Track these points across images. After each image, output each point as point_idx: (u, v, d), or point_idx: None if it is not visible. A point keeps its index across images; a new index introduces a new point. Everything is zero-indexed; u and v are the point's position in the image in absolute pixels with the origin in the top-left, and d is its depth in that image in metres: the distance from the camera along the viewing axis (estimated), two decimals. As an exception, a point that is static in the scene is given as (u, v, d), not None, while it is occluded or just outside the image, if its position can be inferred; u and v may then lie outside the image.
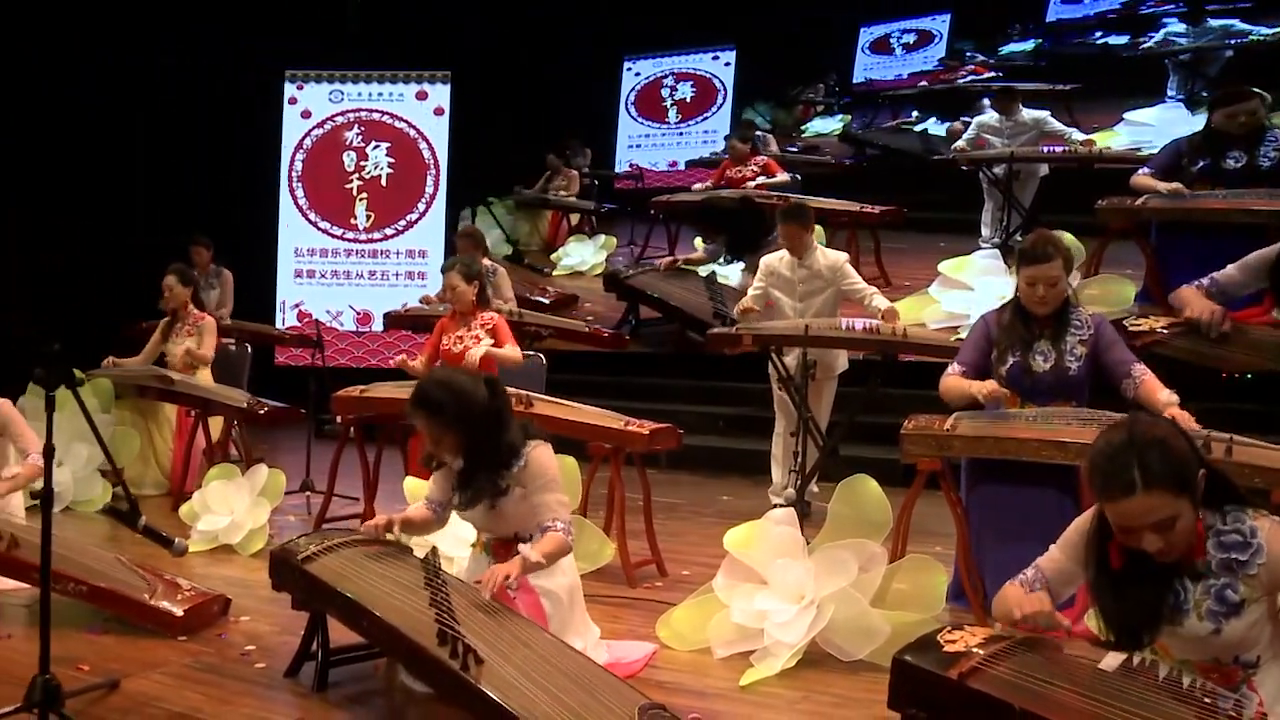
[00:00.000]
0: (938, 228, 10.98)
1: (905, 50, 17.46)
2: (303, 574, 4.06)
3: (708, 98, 16.48)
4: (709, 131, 16.34)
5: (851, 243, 9.86)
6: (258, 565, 6.05)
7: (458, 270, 6.76)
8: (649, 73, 16.98)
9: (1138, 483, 2.68)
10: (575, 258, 13.11)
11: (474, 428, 4.08)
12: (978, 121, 10.44)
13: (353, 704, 4.00)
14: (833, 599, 4.35)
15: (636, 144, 16.77)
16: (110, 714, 3.72)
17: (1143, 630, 2.86)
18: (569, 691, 3.22)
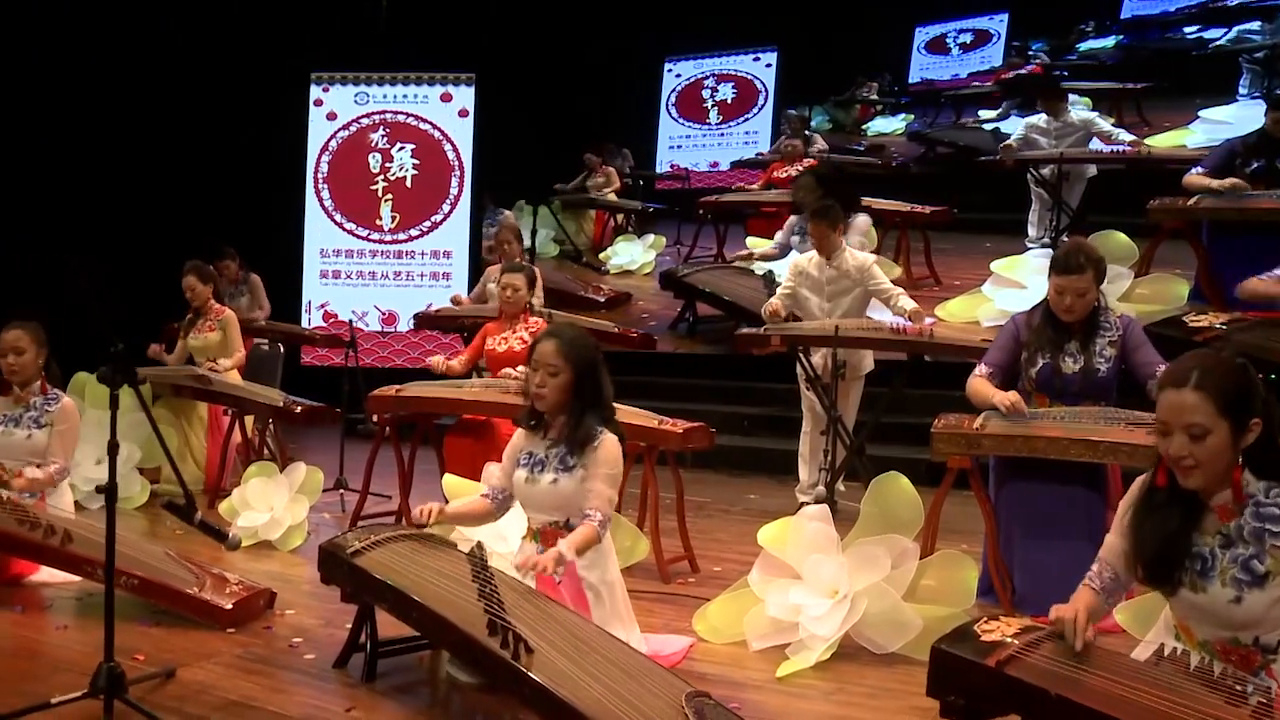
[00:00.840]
0: (983, 229, 11.07)
1: (962, 50, 17.47)
2: (352, 568, 4.18)
3: (749, 99, 16.56)
4: (750, 132, 16.44)
5: (902, 242, 9.98)
6: (297, 561, 6.21)
7: (526, 274, 6.93)
8: (690, 74, 17.10)
9: (1191, 379, 2.88)
10: (624, 257, 13.24)
11: (586, 373, 4.31)
12: (1025, 123, 10.44)
13: (400, 694, 4.11)
14: (866, 593, 4.45)
15: (677, 145, 16.89)
16: (169, 701, 3.83)
17: (1169, 564, 2.98)
18: (617, 679, 3.33)
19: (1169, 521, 2.99)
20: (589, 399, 4.34)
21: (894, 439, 7.78)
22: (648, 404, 6.55)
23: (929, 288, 9.99)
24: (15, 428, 5.82)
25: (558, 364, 4.30)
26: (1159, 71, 13.40)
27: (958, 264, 10.30)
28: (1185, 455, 2.89)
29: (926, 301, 9.12)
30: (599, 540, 4.18)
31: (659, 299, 11.51)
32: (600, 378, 4.39)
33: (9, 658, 4.51)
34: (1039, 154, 9.95)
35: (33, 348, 5.85)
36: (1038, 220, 10.34)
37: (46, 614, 5.08)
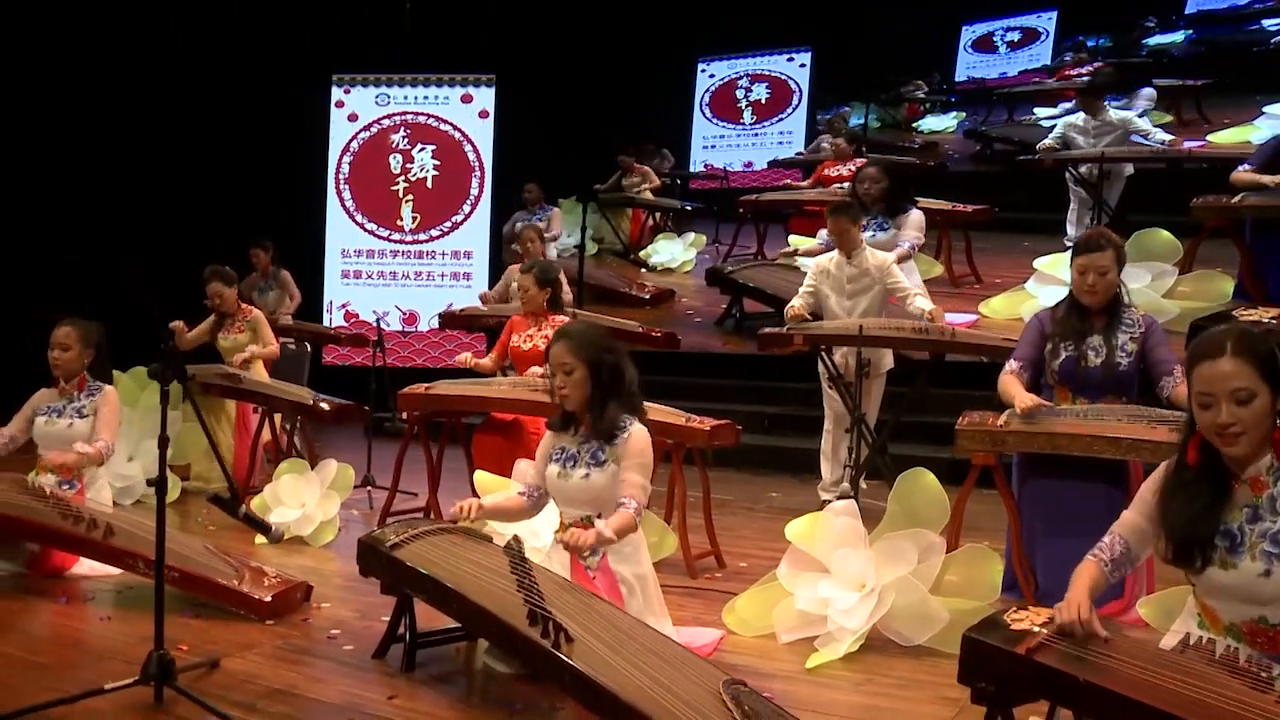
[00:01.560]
0: (1019, 228, 11.14)
1: (1010, 48, 17.44)
2: (391, 560, 4.28)
3: (783, 99, 16.62)
4: (785, 133, 16.49)
5: (943, 241, 10.05)
6: (329, 556, 6.32)
7: (534, 274, 6.97)
8: (723, 74, 17.18)
9: (1228, 347, 2.97)
10: (664, 255, 13.34)
11: (603, 368, 4.40)
12: (1063, 122, 10.47)
13: (439, 683, 4.22)
14: (893, 587, 4.55)
15: (711, 145, 16.96)
16: (214, 690, 3.94)
17: (1198, 541, 3.05)
18: (656, 667, 3.43)
19: (1198, 499, 3.06)
20: (609, 388, 4.43)
21: (915, 438, 7.85)
22: (670, 403, 6.63)
23: (970, 285, 10.09)
24: (58, 418, 5.98)
25: (570, 361, 4.41)
26: (1229, 67, 13.32)
27: (997, 262, 10.38)
28: (1233, 422, 2.96)
29: (968, 299, 9.25)
30: (636, 528, 4.28)
31: (702, 295, 11.65)
32: (618, 366, 4.48)
33: (57, 646, 4.65)
34: (1080, 153, 9.99)
35: (78, 345, 6.02)
36: (1076, 219, 10.37)
37: (88, 605, 5.20)
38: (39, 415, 6.05)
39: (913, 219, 8.25)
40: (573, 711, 3.82)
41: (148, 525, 5.36)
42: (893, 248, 8.02)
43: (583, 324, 4.77)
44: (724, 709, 3.23)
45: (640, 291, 11.63)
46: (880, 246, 7.87)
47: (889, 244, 8.07)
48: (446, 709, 3.93)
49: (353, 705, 3.91)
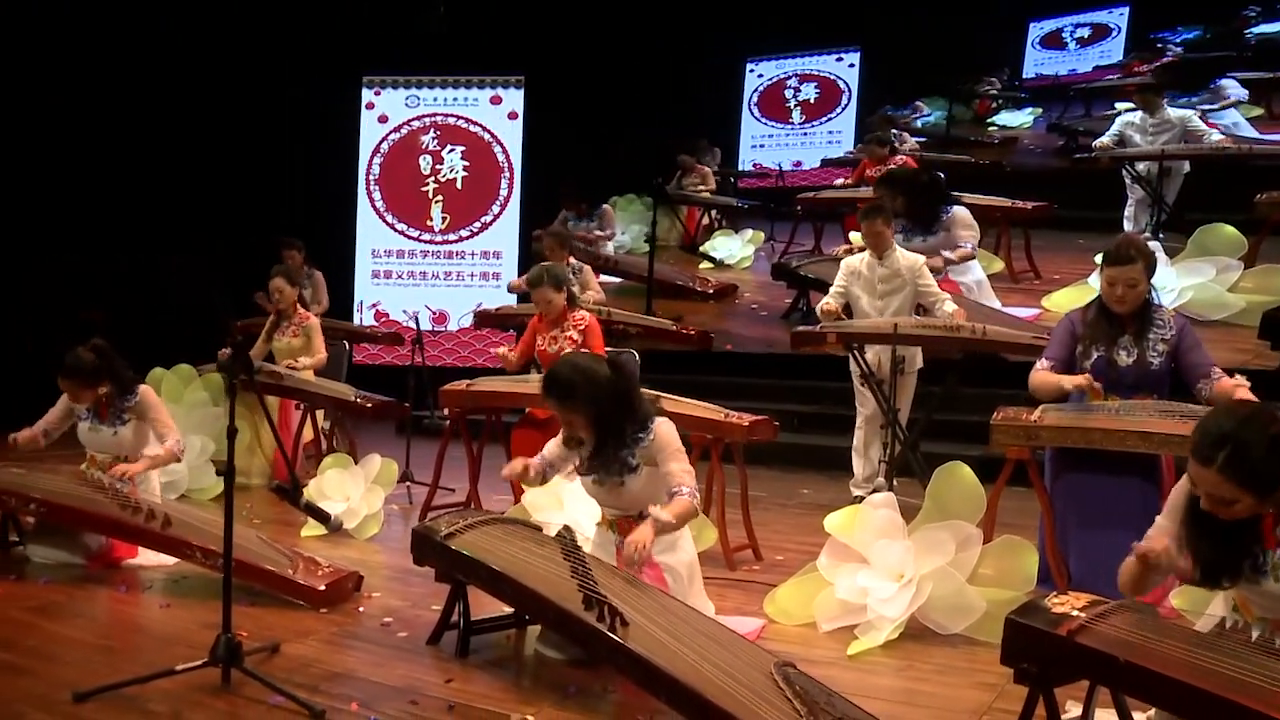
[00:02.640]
0: (1074, 225, 11.19)
1: (1080, 44, 17.33)
2: (445, 549, 4.42)
3: (832, 99, 16.68)
4: (834, 132, 16.56)
5: (1003, 237, 10.16)
6: (374, 549, 6.47)
7: (548, 284, 7.05)
8: (771, 74, 17.25)
9: (1216, 461, 3.08)
10: (723, 251, 13.43)
11: (602, 405, 4.49)
12: (1120, 120, 10.48)
13: (493, 667, 4.35)
14: (931, 577, 4.67)
15: (760, 144, 17.05)
16: (277, 672, 4.08)
17: (1221, 571, 3.21)
18: (710, 649, 3.57)
19: (1224, 539, 3.20)
20: (616, 421, 4.54)
21: (945, 436, 7.95)
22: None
23: (1029, 281, 10.16)
24: (100, 424, 6.12)
25: (568, 415, 4.54)
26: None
27: (1055, 259, 10.44)
28: (1219, 512, 3.15)
29: (1028, 294, 9.36)
30: (696, 512, 4.42)
31: (764, 290, 11.82)
32: (619, 396, 4.54)
33: (123, 632, 4.83)
34: (1139, 151, 10.04)
35: (85, 392, 6.06)
36: (1133, 216, 10.43)
37: (148, 594, 5.37)
38: (81, 420, 6.18)
39: (959, 218, 8.36)
40: (624, 695, 3.97)
41: (201, 516, 5.60)
42: (951, 247, 8.16)
43: (566, 369, 4.57)
44: (777, 689, 3.37)
45: (704, 287, 11.75)
46: (931, 250, 8.01)
47: (944, 245, 8.24)
48: (501, 692, 4.07)
49: (412, 688, 4.05)
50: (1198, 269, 8.44)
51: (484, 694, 4.01)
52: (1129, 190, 10.45)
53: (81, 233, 11.73)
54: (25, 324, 10.94)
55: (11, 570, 5.65)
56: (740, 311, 11.56)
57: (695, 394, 6.51)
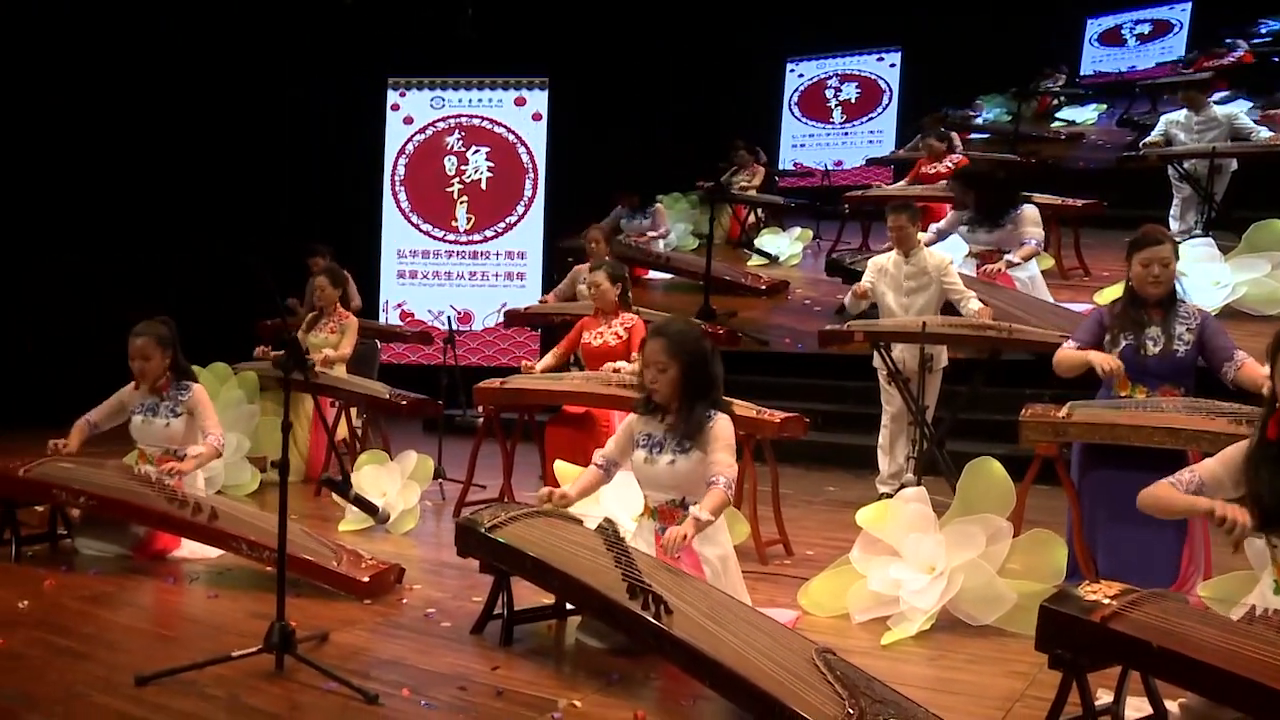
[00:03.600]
0: (1123, 224, 11.14)
1: (1140, 41, 17.23)
2: (490, 541, 4.54)
3: (873, 98, 16.76)
4: (875, 131, 16.64)
5: (1053, 235, 10.18)
6: (410, 543, 6.60)
7: (605, 270, 7.24)
8: (812, 74, 17.34)
9: None
10: (771, 249, 13.53)
11: (695, 367, 4.67)
12: (1165, 118, 10.56)
13: (536, 656, 4.47)
14: (962, 569, 4.78)
15: (800, 144, 17.14)
16: (328, 659, 4.19)
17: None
18: (752, 636, 3.68)
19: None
20: (699, 389, 4.70)
21: (970, 435, 8.04)
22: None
23: (1079, 278, 10.26)
24: (154, 416, 6.26)
25: (665, 360, 4.67)
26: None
27: (1103, 256, 10.50)
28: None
29: (1079, 291, 9.46)
30: (729, 502, 4.54)
31: (815, 287, 12.00)
32: (709, 367, 4.74)
33: (174, 621, 4.98)
34: (1191, 149, 10.08)
35: (157, 353, 6.25)
36: (1180, 215, 10.50)
37: (193, 585, 5.49)
38: (134, 414, 6.32)
39: (1027, 215, 8.45)
40: (666, 682, 4.09)
41: (245, 510, 5.75)
42: (1014, 243, 8.28)
43: (680, 323, 4.93)
44: (818, 673, 3.48)
45: (756, 283, 11.87)
46: (999, 243, 8.12)
47: (1008, 240, 8.35)
48: (547, 678, 4.19)
49: (460, 675, 4.17)
50: (1252, 265, 8.57)
51: (530, 680, 4.13)
52: (1175, 189, 10.51)
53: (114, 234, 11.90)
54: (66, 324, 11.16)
55: (61, 561, 5.81)
56: (793, 307, 11.73)
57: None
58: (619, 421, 6.85)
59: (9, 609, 4.86)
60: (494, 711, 3.77)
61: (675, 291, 12.47)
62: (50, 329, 11.50)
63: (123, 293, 11.41)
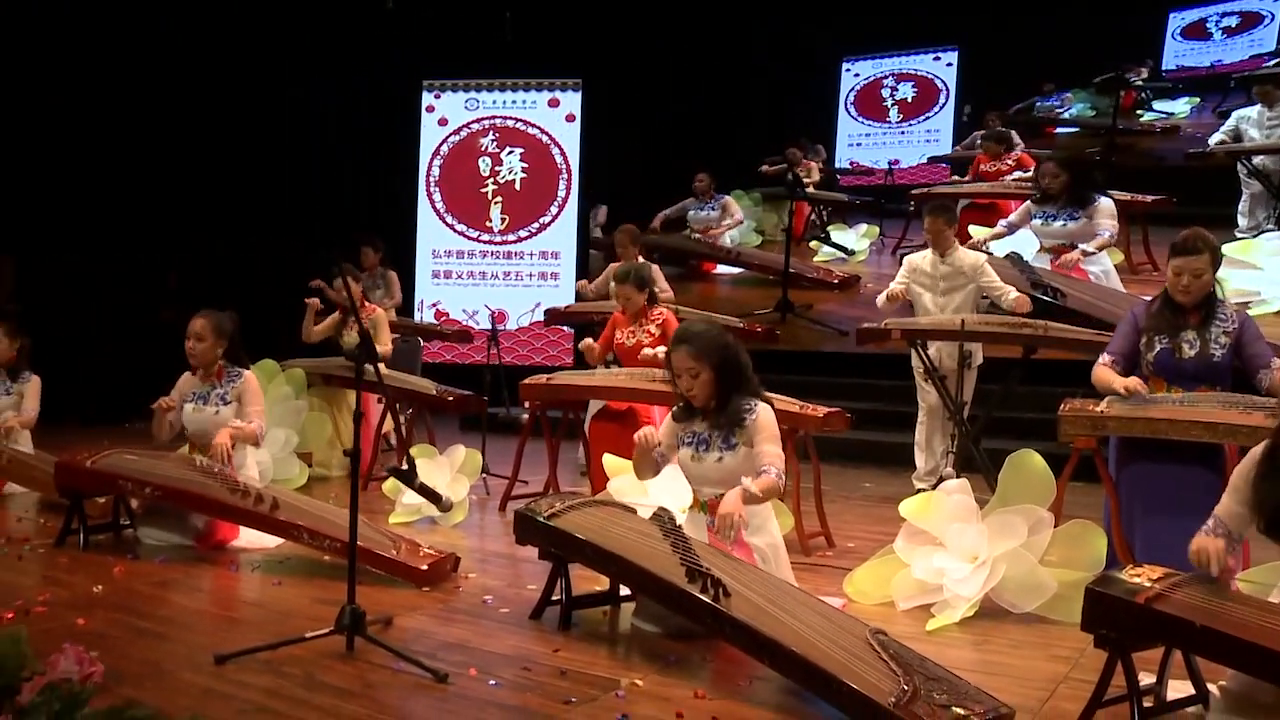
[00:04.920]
0: (1188, 221, 11.22)
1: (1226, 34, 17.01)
2: (549, 529, 4.71)
3: (929, 98, 16.82)
4: (931, 131, 16.69)
5: (1121, 230, 10.21)
6: (460, 535, 6.77)
7: (632, 282, 7.37)
8: (868, 74, 17.42)
9: None
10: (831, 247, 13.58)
11: (726, 366, 4.79)
12: (1236, 114, 10.61)
13: (595, 640, 4.64)
14: (1004, 558, 4.92)
15: (856, 143, 17.23)
16: (394, 641, 4.36)
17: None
18: (808, 617, 3.84)
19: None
20: (733, 385, 4.84)
21: (1006, 433, 8.14)
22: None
23: (1148, 273, 10.31)
24: (204, 404, 6.46)
25: (695, 365, 4.81)
26: None
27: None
28: None
29: (1147, 286, 9.50)
30: (780, 490, 4.69)
31: (885, 281, 11.70)
32: (738, 360, 4.86)
33: (242, 605, 5.17)
34: (1263, 145, 10.12)
35: (211, 336, 6.46)
36: (1248, 211, 10.56)
37: (255, 572, 5.69)
38: (187, 403, 6.52)
39: (1104, 207, 8.50)
40: (721, 664, 4.25)
41: (304, 499, 5.92)
42: (1088, 236, 8.36)
43: (701, 326, 5.03)
44: (873, 652, 3.64)
45: (829, 277, 12.04)
46: (1073, 236, 8.22)
47: (1082, 233, 8.42)
48: (607, 660, 4.36)
49: (523, 656, 4.34)
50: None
51: (591, 661, 4.29)
52: (1244, 185, 10.56)
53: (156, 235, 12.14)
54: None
55: (126, 550, 6.01)
56: (865, 300, 11.69)
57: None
58: (660, 416, 7.06)
59: (86, 593, 5.06)
60: (559, 690, 3.93)
61: (745, 285, 12.71)
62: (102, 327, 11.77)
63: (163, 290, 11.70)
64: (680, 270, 13.43)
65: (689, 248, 12.85)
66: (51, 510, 7.00)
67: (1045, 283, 8.20)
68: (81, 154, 11.80)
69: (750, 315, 10.92)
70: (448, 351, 12.75)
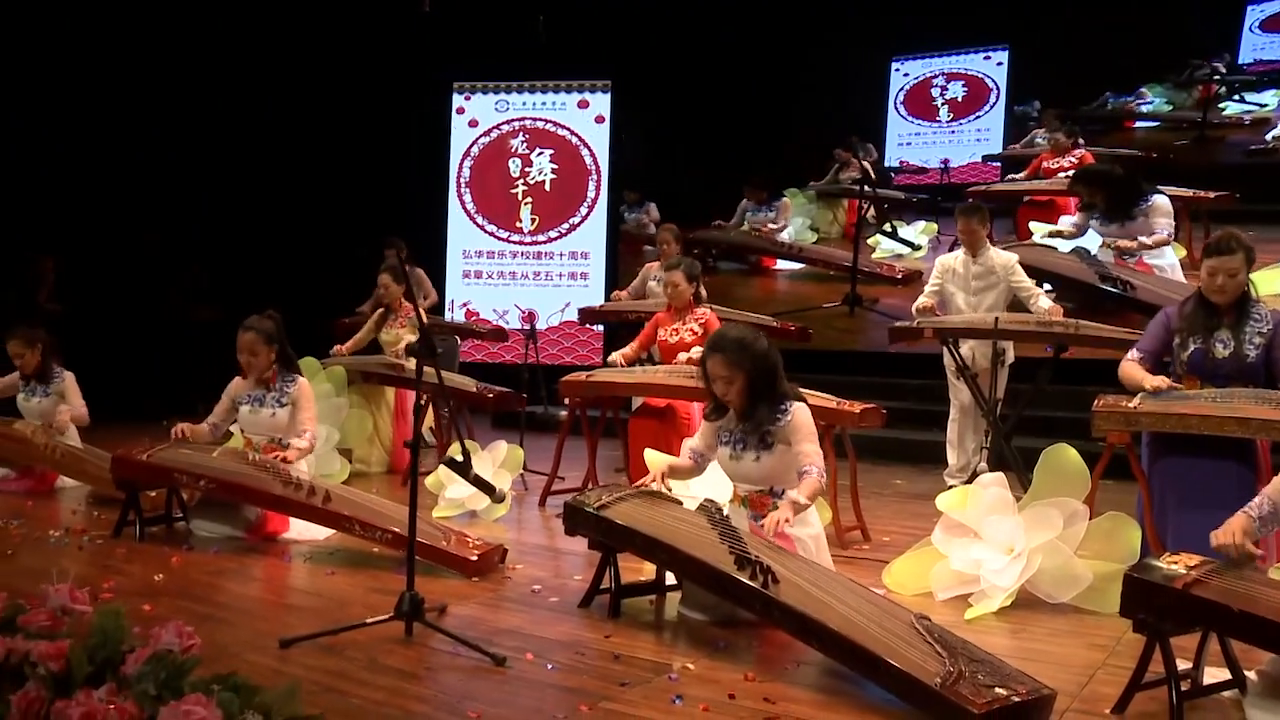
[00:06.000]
0: (1251, 218, 11.08)
1: None
2: (599, 519, 4.86)
3: (980, 97, 16.82)
4: (982, 130, 16.70)
5: (1184, 227, 10.26)
6: (500, 529, 6.92)
7: (683, 270, 7.53)
8: (918, 73, 17.45)
9: None
10: (895, 242, 13.71)
11: (759, 370, 4.90)
12: None
13: (643, 626, 4.80)
14: (1040, 550, 5.04)
15: (906, 142, 17.25)
16: (450, 628, 4.52)
17: None
18: (854, 602, 3.98)
19: None
20: (765, 389, 4.95)
21: (1037, 431, 8.22)
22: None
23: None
24: (260, 407, 6.61)
25: (729, 373, 4.94)
26: None
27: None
28: None
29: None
30: (823, 489, 4.83)
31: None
32: (770, 364, 4.97)
33: (299, 594, 5.33)
34: None
35: (264, 348, 6.59)
36: None
37: (308, 563, 5.85)
38: (241, 404, 6.68)
39: (1159, 206, 8.50)
40: (768, 650, 4.39)
41: (354, 492, 6.08)
42: (1147, 233, 8.43)
43: (734, 332, 5.07)
44: (919, 636, 3.78)
45: (891, 273, 12.18)
46: (1131, 234, 8.35)
47: (1140, 231, 8.47)
48: (657, 645, 4.51)
49: (576, 642, 4.49)
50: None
51: (643, 646, 4.45)
52: None
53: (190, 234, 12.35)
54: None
55: (182, 542, 6.19)
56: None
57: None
58: (699, 413, 7.19)
59: (148, 581, 5.24)
60: (614, 673, 4.08)
61: (804, 280, 12.88)
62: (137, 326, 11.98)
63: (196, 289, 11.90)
64: (742, 266, 13.81)
65: (751, 243, 13.12)
66: (102, 503, 7.21)
67: (1114, 275, 8.28)
68: (118, 157, 12.01)
69: (815, 309, 11.34)
70: (478, 351, 12.89)
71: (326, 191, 13.40)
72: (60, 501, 7.47)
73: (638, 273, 10.47)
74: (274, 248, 13.11)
